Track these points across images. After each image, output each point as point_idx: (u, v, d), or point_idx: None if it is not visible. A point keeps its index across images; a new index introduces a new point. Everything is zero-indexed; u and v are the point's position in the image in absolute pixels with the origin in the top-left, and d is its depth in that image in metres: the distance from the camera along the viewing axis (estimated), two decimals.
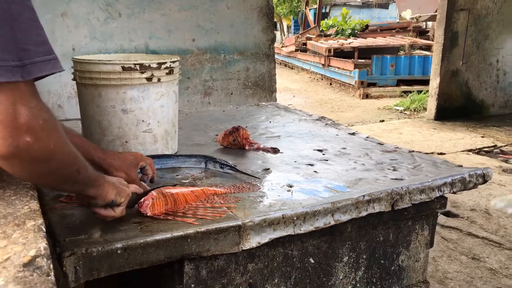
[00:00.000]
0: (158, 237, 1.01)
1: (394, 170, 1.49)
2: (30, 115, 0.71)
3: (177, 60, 1.53)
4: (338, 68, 10.46)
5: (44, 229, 0.69)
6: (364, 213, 1.25)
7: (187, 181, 1.38)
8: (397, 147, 1.77)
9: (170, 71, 1.50)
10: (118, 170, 1.18)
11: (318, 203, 1.20)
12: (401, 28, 13.17)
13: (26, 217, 0.74)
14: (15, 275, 0.54)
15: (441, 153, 4.98)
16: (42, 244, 0.61)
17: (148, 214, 1.10)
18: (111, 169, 1.17)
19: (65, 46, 3.88)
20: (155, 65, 1.44)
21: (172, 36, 4.35)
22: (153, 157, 1.40)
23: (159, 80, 1.46)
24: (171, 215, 1.11)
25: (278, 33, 24.27)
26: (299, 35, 14.94)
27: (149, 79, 1.44)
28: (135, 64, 1.40)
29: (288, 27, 26.01)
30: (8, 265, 0.56)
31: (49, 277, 0.55)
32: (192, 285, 1.12)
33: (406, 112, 7.70)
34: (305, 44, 13.51)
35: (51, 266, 0.59)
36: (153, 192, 1.12)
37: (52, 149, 0.77)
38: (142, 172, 1.25)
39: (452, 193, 1.41)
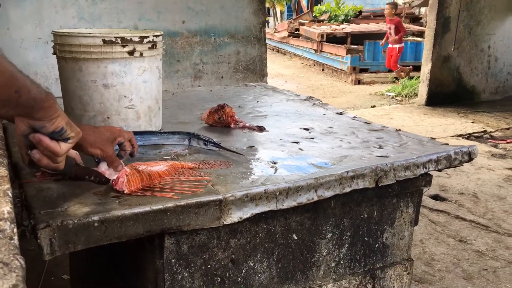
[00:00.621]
0: (137, 210, 0.99)
1: (380, 148, 1.47)
2: None
3: (160, 35, 1.50)
4: (331, 53, 10.44)
5: (10, 194, 0.67)
6: (348, 189, 1.24)
7: (169, 157, 1.36)
8: (384, 126, 1.75)
9: (153, 46, 1.47)
10: (92, 146, 1.11)
11: (301, 179, 1.19)
12: (395, 14, 13.11)
13: None
14: None
15: (431, 138, 4.99)
16: (6, 208, 0.59)
17: (125, 192, 1.07)
18: (85, 144, 1.10)
19: (53, 27, 3.81)
20: (137, 39, 1.41)
21: (161, 18, 4.30)
22: (136, 133, 1.38)
23: (141, 54, 1.43)
24: (149, 190, 1.09)
25: (271, 19, 24.12)
26: (292, 21, 14.87)
27: (131, 53, 1.41)
28: (116, 37, 1.37)
29: (282, 13, 25.83)
30: None
31: (12, 241, 0.53)
32: (173, 260, 1.11)
33: (397, 98, 7.70)
34: (298, 29, 13.45)
35: (15, 230, 0.57)
36: (126, 168, 1.10)
37: None
38: (120, 148, 1.22)
39: (437, 170, 1.40)
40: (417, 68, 8.60)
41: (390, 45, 8.76)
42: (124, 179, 1.09)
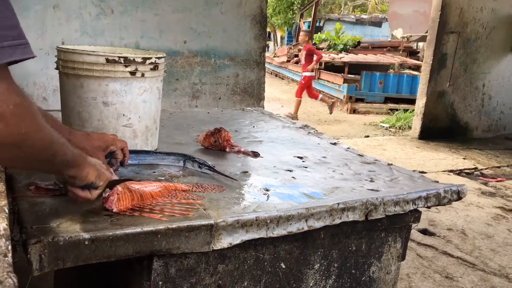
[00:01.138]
0: (128, 230, 1.00)
1: (371, 181, 1.50)
2: None
3: (163, 57, 1.53)
4: (328, 81, 10.55)
5: (6, 210, 0.68)
6: (338, 221, 1.25)
7: (163, 178, 1.37)
8: (377, 160, 1.78)
9: (155, 67, 1.49)
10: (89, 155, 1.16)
11: (292, 208, 1.20)
12: (392, 47, 13.35)
13: None
14: None
15: (422, 172, 5.02)
16: (2, 225, 0.60)
17: (114, 210, 1.08)
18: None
19: (55, 39, 3.85)
20: (139, 60, 1.44)
21: (163, 37, 4.35)
22: (131, 152, 1.39)
23: (143, 75, 1.46)
24: (138, 210, 1.10)
25: (271, 43, 24.41)
26: (292, 46, 15.04)
27: (132, 73, 1.43)
28: (119, 57, 1.39)
29: (282, 38, 26.16)
30: None
31: (6, 258, 0.54)
32: (160, 283, 1.11)
33: (391, 129, 7.77)
34: (297, 55, 13.58)
35: (10, 247, 0.58)
36: (118, 187, 1.11)
37: (24, 134, 0.76)
38: (111, 156, 1.23)
39: (426, 207, 1.42)
40: (412, 101, 8.71)
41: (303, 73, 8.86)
42: (114, 197, 1.09)
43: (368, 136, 7.08)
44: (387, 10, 13.16)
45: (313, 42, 15.31)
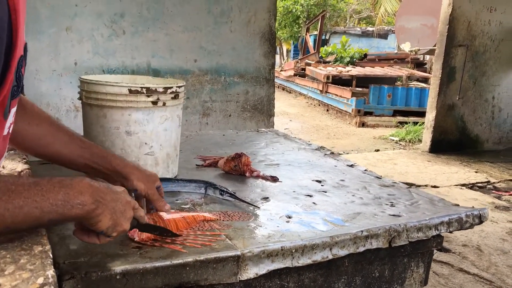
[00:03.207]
0: (158, 264, 1.01)
1: (392, 205, 1.50)
2: None
3: (183, 85, 1.55)
4: (336, 95, 10.57)
5: (51, 255, 0.70)
6: (361, 249, 1.26)
7: (186, 206, 1.38)
8: (395, 182, 1.78)
9: (176, 96, 1.52)
10: (138, 179, 1.17)
11: (316, 237, 1.21)
12: (399, 59, 13.37)
13: (33, 242, 0.74)
14: None
15: (435, 186, 5.01)
16: (50, 272, 0.62)
17: (135, 239, 1.10)
18: (132, 177, 1.17)
19: (68, 60, 3.92)
20: (161, 89, 1.46)
21: (174, 56, 4.40)
22: None
23: (164, 104, 1.48)
24: (159, 241, 1.11)
25: (277, 57, 24.53)
26: (299, 60, 15.11)
27: (154, 102, 1.45)
28: (142, 87, 1.42)
29: (288, 51, 26.30)
30: None
31: None
32: None
33: (401, 142, 7.75)
34: (304, 69, 13.66)
35: None
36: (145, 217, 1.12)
37: None
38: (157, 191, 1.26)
39: (449, 232, 1.42)
40: (421, 114, 8.70)
41: None
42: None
43: (378, 150, 7.08)
44: (394, 24, 13.20)
45: (319, 56, 15.40)
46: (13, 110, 0.87)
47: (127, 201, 0.97)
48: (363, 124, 9.38)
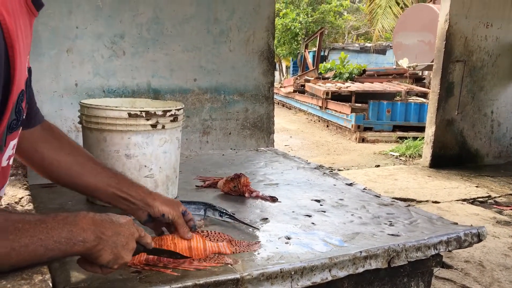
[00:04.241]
0: None
1: (391, 225, 1.51)
2: None
3: (182, 108, 1.57)
4: (335, 111, 10.61)
5: (51, 285, 0.71)
6: (361, 269, 1.26)
7: None
8: (394, 200, 1.79)
9: (175, 118, 1.53)
10: (164, 204, 1.18)
11: (315, 258, 1.21)
12: (398, 74, 13.45)
13: (34, 271, 0.75)
14: None
15: (436, 202, 5.01)
16: None
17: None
18: (156, 203, 1.17)
19: (68, 81, 3.95)
20: (160, 113, 1.48)
21: (174, 76, 4.44)
22: None
23: (163, 127, 1.50)
24: (150, 265, 1.11)
25: (277, 73, 24.69)
26: (298, 77, 15.21)
27: (153, 125, 1.47)
28: (141, 111, 1.44)
29: (287, 68, 26.48)
30: None
31: None
32: None
33: (401, 158, 7.76)
34: (303, 85, 13.73)
35: None
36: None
37: None
38: (184, 217, 1.26)
39: (447, 251, 1.42)
40: (421, 129, 8.72)
41: None
42: None
43: (378, 166, 7.08)
44: (392, 40, 13.31)
45: (319, 72, 15.49)
46: (12, 142, 0.89)
47: (130, 233, 0.98)
48: (363, 140, 9.40)
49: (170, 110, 1.51)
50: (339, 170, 6.52)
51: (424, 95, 10.77)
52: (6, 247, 0.73)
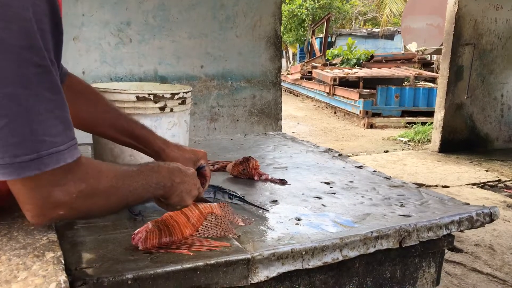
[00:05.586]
0: (169, 268, 1.02)
1: (402, 206, 1.50)
2: (61, 194, 0.75)
3: (190, 91, 1.56)
4: (343, 97, 10.55)
5: (63, 261, 0.71)
6: (372, 250, 1.26)
7: None
8: (404, 182, 1.78)
9: (183, 101, 1.53)
10: (174, 161, 1.20)
11: (326, 238, 1.21)
12: (406, 59, 13.32)
13: (45, 248, 0.75)
14: None
15: (445, 186, 4.98)
16: (62, 277, 0.62)
17: (139, 248, 1.10)
18: (168, 160, 1.23)
19: (76, 69, 3.95)
20: (168, 95, 1.47)
21: (181, 63, 4.42)
22: None
23: (171, 110, 1.49)
24: (164, 248, 1.11)
25: (284, 60, 24.57)
26: (305, 63, 15.11)
27: (162, 108, 1.47)
28: (149, 94, 1.43)
29: (294, 54, 26.34)
30: None
31: None
32: None
33: (410, 143, 7.72)
34: (310, 72, 13.66)
35: None
36: (149, 224, 1.13)
37: (90, 207, 0.84)
38: (199, 173, 1.27)
39: (459, 231, 1.41)
40: (429, 114, 8.66)
41: None
42: (142, 235, 1.11)
43: (387, 151, 7.05)
44: (400, 25, 13.17)
45: (326, 58, 15.39)
46: None
47: (193, 182, 1.13)
48: (371, 126, 9.35)
49: (178, 93, 1.50)
50: (347, 156, 6.50)
51: (433, 80, 10.67)
52: (125, 190, 0.92)
